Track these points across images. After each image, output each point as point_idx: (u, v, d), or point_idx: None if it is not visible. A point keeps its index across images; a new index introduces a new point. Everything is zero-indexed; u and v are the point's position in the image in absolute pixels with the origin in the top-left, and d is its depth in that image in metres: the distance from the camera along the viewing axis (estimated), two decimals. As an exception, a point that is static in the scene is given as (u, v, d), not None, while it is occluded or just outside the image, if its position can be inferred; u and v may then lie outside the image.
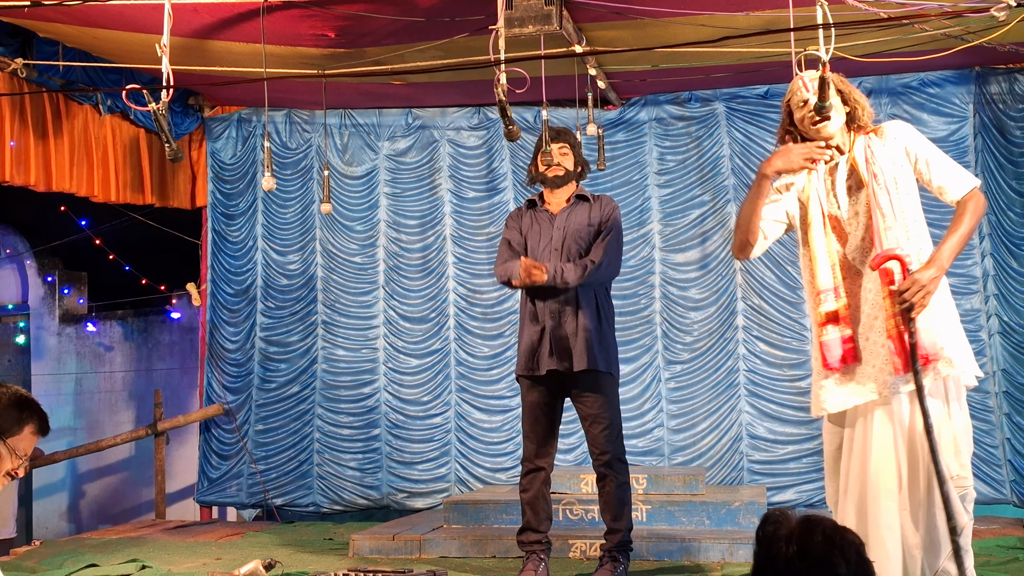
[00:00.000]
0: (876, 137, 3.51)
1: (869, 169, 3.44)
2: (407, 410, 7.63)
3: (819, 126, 3.49)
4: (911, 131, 3.55)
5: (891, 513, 3.29)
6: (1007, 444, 6.74)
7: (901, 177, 3.45)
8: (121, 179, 7.16)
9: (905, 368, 3.28)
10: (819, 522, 1.94)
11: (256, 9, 5.33)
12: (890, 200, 3.39)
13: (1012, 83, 6.86)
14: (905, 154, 3.48)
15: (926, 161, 3.47)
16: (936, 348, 3.29)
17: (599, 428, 4.66)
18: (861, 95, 3.59)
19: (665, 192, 7.37)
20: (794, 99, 3.56)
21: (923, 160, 3.47)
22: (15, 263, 10.61)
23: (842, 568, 1.87)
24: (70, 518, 10.20)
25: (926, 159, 3.47)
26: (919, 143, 3.51)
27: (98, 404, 10.46)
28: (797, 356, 7.05)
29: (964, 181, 3.46)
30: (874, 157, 3.46)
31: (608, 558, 4.71)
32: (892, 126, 3.57)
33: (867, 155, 3.47)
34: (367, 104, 7.73)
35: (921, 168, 3.47)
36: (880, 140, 3.50)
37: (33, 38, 6.16)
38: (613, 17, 5.45)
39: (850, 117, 3.54)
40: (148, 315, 10.62)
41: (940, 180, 3.46)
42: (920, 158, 3.47)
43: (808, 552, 1.88)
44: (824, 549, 1.88)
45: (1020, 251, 6.81)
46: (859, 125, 3.54)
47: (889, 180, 3.42)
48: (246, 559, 4.71)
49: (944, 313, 3.39)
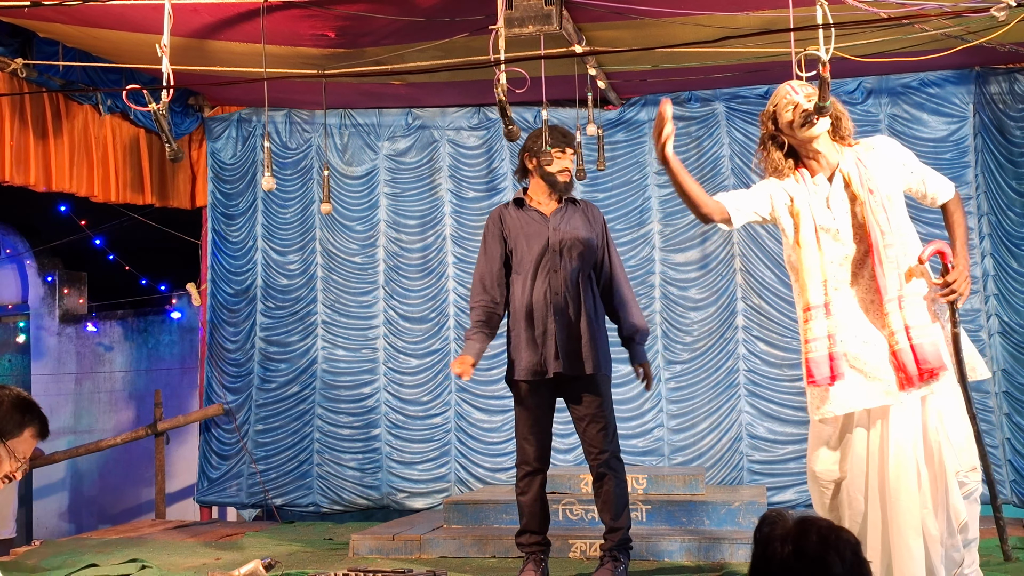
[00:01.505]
0: (865, 152, 3.56)
1: (864, 184, 3.47)
2: (407, 410, 7.63)
3: (809, 129, 3.49)
4: (900, 146, 3.67)
5: (913, 514, 3.33)
6: (1007, 444, 6.74)
7: (895, 192, 3.52)
8: (121, 179, 7.16)
9: (905, 384, 3.36)
10: (814, 522, 1.95)
11: (256, 9, 5.33)
12: (887, 216, 3.44)
13: (1012, 83, 6.86)
14: (900, 169, 3.56)
15: (921, 177, 3.61)
16: (941, 361, 3.37)
17: (597, 428, 4.66)
18: (843, 107, 3.66)
19: (665, 192, 7.36)
20: (781, 103, 3.54)
21: (918, 175, 3.61)
22: (15, 263, 10.62)
23: (837, 567, 1.88)
24: (70, 518, 10.21)
25: (921, 176, 3.61)
26: (910, 157, 3.64)
27: (98, 404, 10.46)
28: (797, 356, 7.03)
29: (949, 186, 3.67)
30: (868, 172, 3.49)
31: (608, 558, 4.70)
32: (882, 142, 3.65)
33: (860, 169, 3.50)
34: (367, 104, 7.73)
35: (915, 181, 3.60)
36: (870, 155, 3.54)
37: (33, 38, 6.16)
38: (613, 17, 5.45)
39: (834, 127, 3.57)
40: (148, 315, 10.62)
41: (933, 190, 3.63)
42: (915, 172, 3.60)
43: (804, 552, 1.89)
44: (819, 549, 1.89)
45: (1020, 251, 6.81)
46: (842, 136, 3.59)
47: (884, 196, 3.47)
48: (246, 559, 4.70)
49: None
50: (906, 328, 3.37)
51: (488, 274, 4.78)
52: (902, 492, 3.33)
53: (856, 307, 3.47)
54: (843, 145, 3.57)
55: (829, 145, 3.55)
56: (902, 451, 3.35)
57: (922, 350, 3.35)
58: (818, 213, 3.51)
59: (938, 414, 3.39)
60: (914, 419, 3.38)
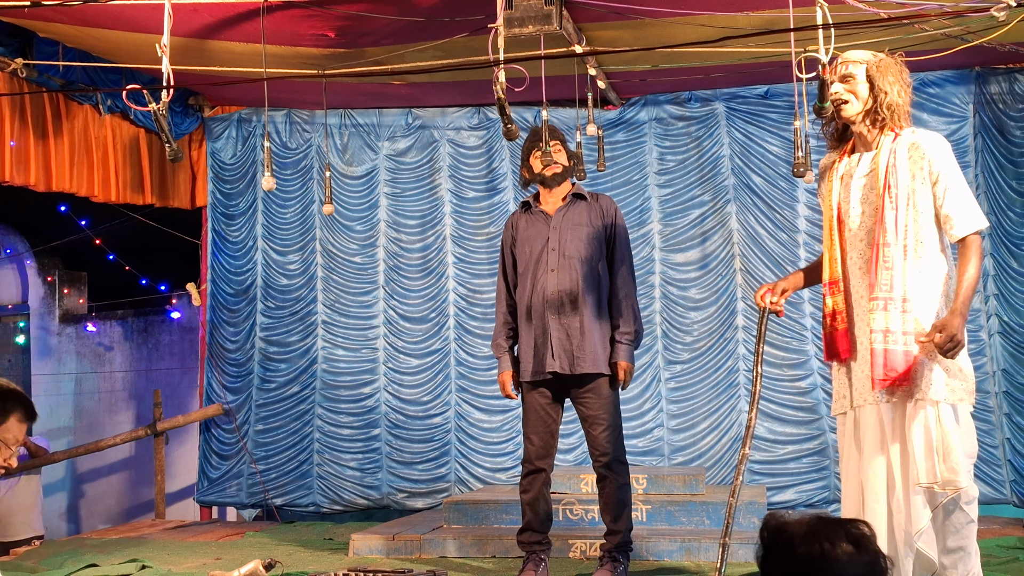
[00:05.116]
0: (906, 145, 3.39)
1: (886, 179, 3.36)
2: (407, 410, 7.63)
3: (831, 112, 3.50)
4: (943, 149, 3.40)
5: (879, 516, 3.32)
6: (1007, 444, 6.74)
7: (919, 194, 3.36)
8: (121, 179, 7.16)
9: (875, 385, 3.33)
10: (830, 517, 1.96)
11: (256, 9, 5.33)
12: (896, 216, 3.33)
13: (1012, 83, 6.86)
14: (929, 172, 3.36)
15: (944, 187, 3.35)
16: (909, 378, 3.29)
17: (599, 429, 4.65)
18: (898, 85, 3.42)
19: (665, 192, 7.37)
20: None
21: (942, 183, 3.35)
22: (15, 263, 10.61)
23: (857, 559, 1.88)
24: (70, 518, 10.20)
25: (945, 185, 3.35)
26: (944, 164, 3.36)
27: (98, 404, 10.45)
28: (797, 356, 7.05)
29: (970, 220, 3.35)
30: (895, 168, 3.36)
31: (608, 558, 4.70)
32: (927, 138, 3.42)
33: (889, 162, 3.37)
34: (367, 104, 7.73)
35: (938, 191, 3.36)
36: (908, 150, 3.38)
37: (33, 38, 6.16)
38: (613, 17, 5.45)
39: (867, 113, 3.43)
40: (148, 315, 10.62)
41: (948, 209, 3.35)
42: (940, 180, 3.36)
43: (823, 547, 1.88)
44: (844, 543, 1.89)
45: (1020, 251, 6.81)
46: (881, 119, 3.41)
47: (902, 195, 3.34)
48: (246, 559, 4.71)
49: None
50: (885, 332, 3.31)
51: (503, 284, 4.91)
52: (869, 494, 3.36)
53: (853, 295, 3.48)
54: (885, 130, 3.41)
55: (866, 129, 3.45)
56: (874, 452, 3.37)
57: (893, 357, 3.29)
58: (842, 190, 3.50)
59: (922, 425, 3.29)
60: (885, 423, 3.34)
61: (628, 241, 4.85)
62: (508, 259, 4.89)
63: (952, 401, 3.30)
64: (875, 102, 3.41)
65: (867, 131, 3.46)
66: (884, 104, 3.39)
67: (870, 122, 3.44)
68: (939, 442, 3.24)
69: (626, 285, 4.74)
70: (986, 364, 6.75)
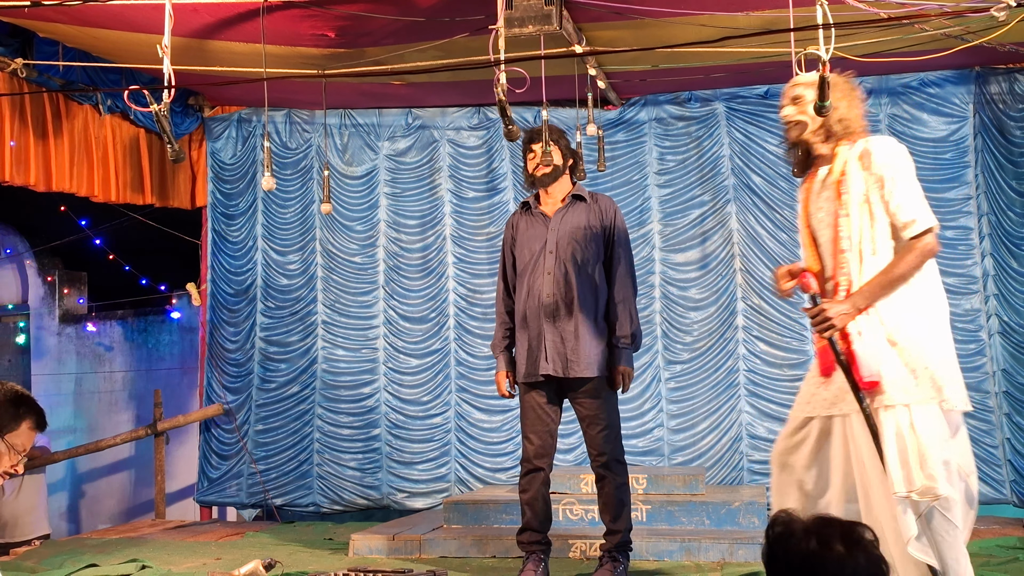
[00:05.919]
0: (857, 153, 3.41)
1: (838, 187, 3.40)
2: (407, 410, 7.63)
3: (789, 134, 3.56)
4: (890, 154, 3.37)
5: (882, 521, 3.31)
6: (1007, 444, 6.74)
7: (874, 200, 3.37)
8: (121, 179, 7.17)
9: (823, 372, 3.39)
10: (833, 518, 1.97)
11: (256, 9, 5.33)
12: (849, 223, 3.37)
13: (1012, 83, 6.86)
14: (877, 177, 3.35)
15: (890, 190, 3.33)
16: (875, 376, 3.25)
17: (596, 429, 4.64)
18: (847, 100, 3.47)
19: (665, 192, 7.37)
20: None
21: (887, 187, 3.33)
22: (15, 263, 10.61)
23: (861, 559, 1.88)
24: (70, 518, 10.20)
25: (890, 188, 3.32)
26: (889, 168, 3.34)
27: (98, 404, 10.46)
28: (797, 356, 7.05)
29: (917, 220, 3.31)
30: (848, 176, 3.40)
31: (608, 558, 4.70)
32: (876, 144, 3.41)
33: (844, 170, 3.41)
34: (367, 104, 7.73)
35: (885, 195, 3.34)
36: (860, 158, 3.40)
37: (33, 38, 6.16)
38: (613, 17, 5.45)
39: (823, 127, 3.47)
40: (148, 315, 10.63)
41: (894, 208, 3.33)
42: (886, 184, 3.33)
43: (828, 544, 1.89)
44: (843, 541, 1.89)
45: (1020, 251, 6.81)
46: (836, 134, 3.45)
47: (854, 202, 3.37)
48: (246, 559, 4.71)
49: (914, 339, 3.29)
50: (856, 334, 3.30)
51: (502, 284, 4.91)
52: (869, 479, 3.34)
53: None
54: (841, 142, 3.45)
55: (823, 146, 3.50)
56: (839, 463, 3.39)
57: (861, 359, 3.27)
58: (811, 207, 3.53)
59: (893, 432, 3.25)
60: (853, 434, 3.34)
61: (628, 242, 4.81)
62: (508, 259, 4.89)
63: (920, 402, 3.24)
64: (825, 123, 3.47)
65: (824, 147, 3.51)
66: (836, 119, 3.45)
67: (825, 138, 3.50)
68: (913, 449, 3.19)
69: (625, 288, 4.70)
70: (986, 364, 6.75)
